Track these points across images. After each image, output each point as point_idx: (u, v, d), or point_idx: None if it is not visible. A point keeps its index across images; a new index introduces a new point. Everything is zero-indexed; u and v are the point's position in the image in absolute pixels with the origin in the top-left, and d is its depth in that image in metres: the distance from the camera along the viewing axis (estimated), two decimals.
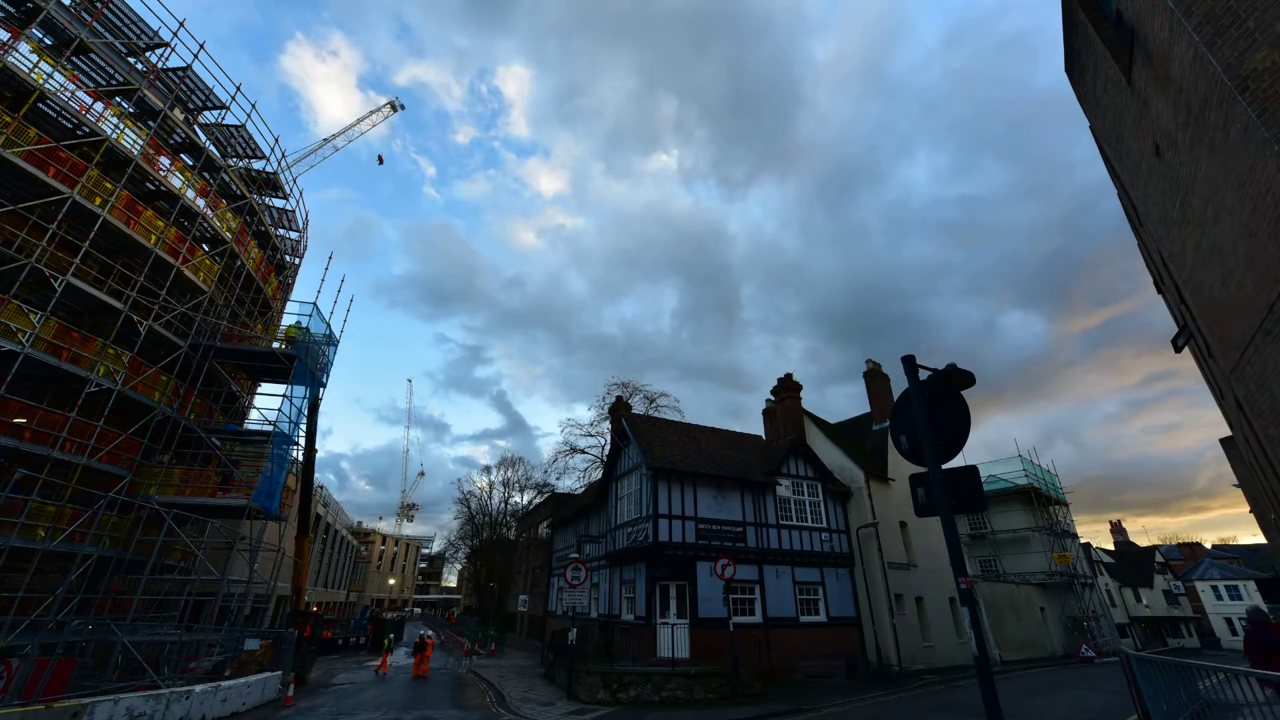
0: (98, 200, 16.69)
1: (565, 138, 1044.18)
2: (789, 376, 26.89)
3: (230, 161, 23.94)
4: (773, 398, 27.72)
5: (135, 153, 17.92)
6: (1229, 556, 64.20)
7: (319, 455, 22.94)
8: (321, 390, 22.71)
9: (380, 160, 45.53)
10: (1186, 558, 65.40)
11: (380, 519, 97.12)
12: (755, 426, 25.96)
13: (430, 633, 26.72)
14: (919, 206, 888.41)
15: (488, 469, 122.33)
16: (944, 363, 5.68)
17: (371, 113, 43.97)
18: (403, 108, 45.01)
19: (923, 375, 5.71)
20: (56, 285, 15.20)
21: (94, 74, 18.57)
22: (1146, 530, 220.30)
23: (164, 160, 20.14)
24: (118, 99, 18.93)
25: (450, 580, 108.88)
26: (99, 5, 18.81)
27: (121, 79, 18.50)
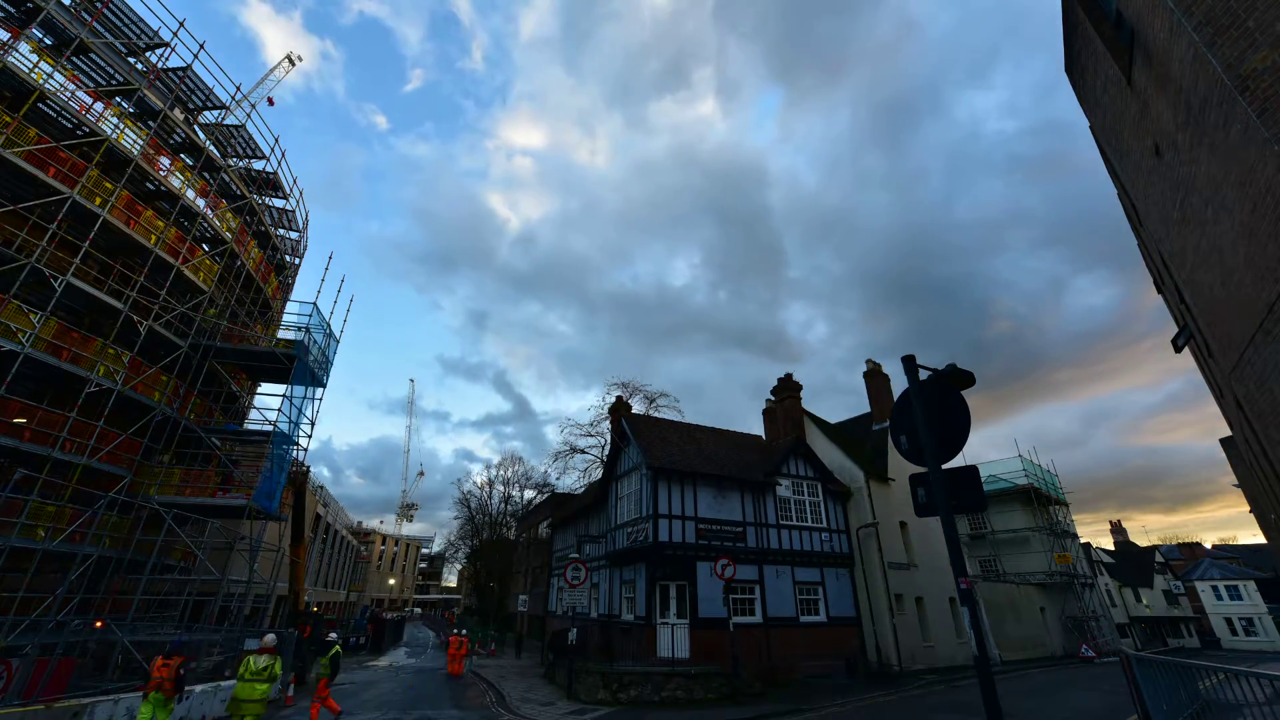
0: (98, 200, 16.68)
1: (563, 78, 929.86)
2: (789, 376, 26.92)
3: (230, 161, 23.94)
4: (773, 398, 27.73)
5: (135, 153, 17.91)
6: (1229, 556, 64.19)
7: (308, 449, 22.97)
8: (321, 390, 22.70)
9: (270, 102, 46.53)
10: (1186, 558, 65.39)
11: (381, 521, 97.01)
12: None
13: (465, 631, 27.07)
14: (990, 141, 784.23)
15: (488, 468, 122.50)
16: (996, 338, 5.68)
17: (273, 69, 46.35)
18: (300, 60, 47.63)
19: (923, 375, 5.71)
20: (56, 285, 15.20)
21: (94, 74, 18.56)
22: (1148, 530, 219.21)
23: (164, 160, 20.14)
24: (118, 99, 18.92)
25: (450, 580, 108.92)
26: (99, 5, 18.80)
27: (121, 79, 18.49)
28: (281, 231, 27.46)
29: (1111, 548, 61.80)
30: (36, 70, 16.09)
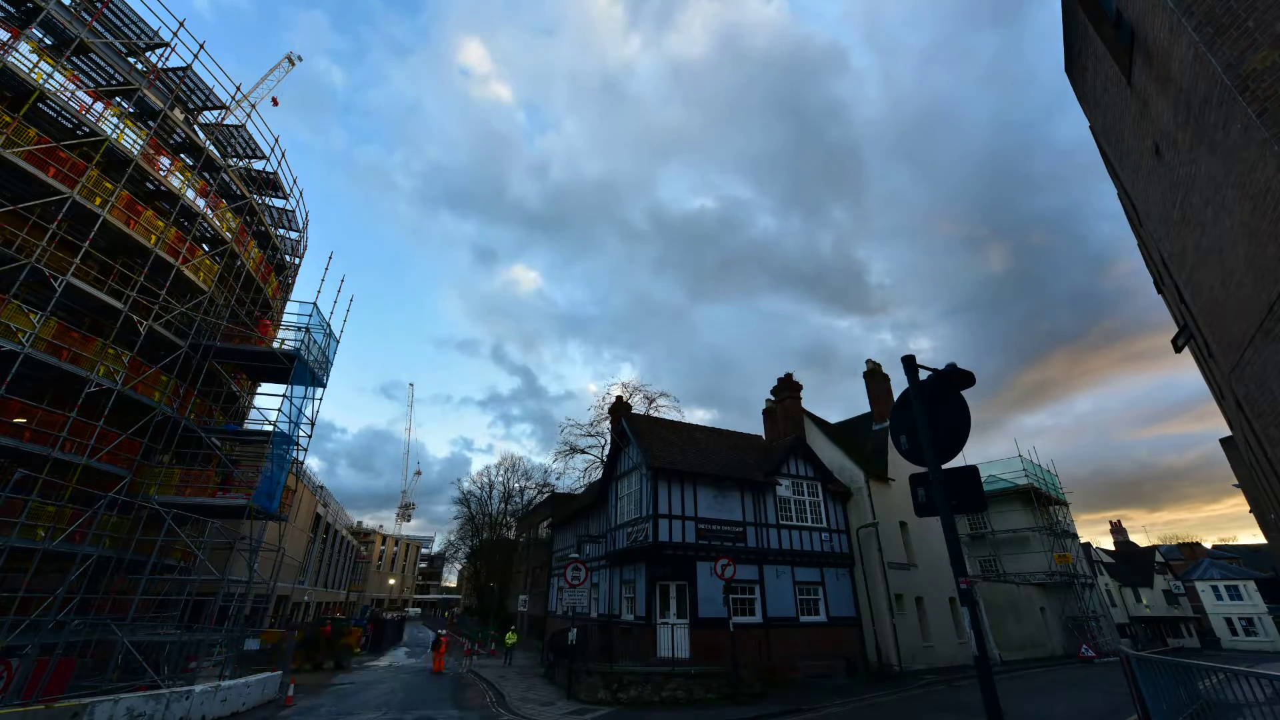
0: (98, 200, 16.67)
1: None
2: (789, 376, 26.92)
3: (230, 161, 23.93)
4: (772, 397, 27.73)
5: (135, 153, 17.90)
6: (1229, 556, 64.15)
7: (308, 448, 23.29)
8: (321, 390, 22.69)
9: (275, 102, 46.38)
10: (1186, 558, 65.39)
11: (381, 525, 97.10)
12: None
13: (443, 631, 27.67)
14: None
15: (488, 468, 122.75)
16: (1114, 289, 5.62)
17: (273, 69, 46.17)
18: (300, 59, 47.39)
19: (923, 375, 5.71)
20: (56, 285, 15.19)
21: (94, 74, 18.55)
22: (1148, 529, 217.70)
23: (164, 160, 20.13)
24: (118, 99, 18.91)
25: (450, 580, 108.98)
26: (99, 5, 18.80)
27: (121, 79, 18.49)
28: (281, 231, 27.46)
29: (1112, 547, 61.82)
30: (36, 70, 16.08)
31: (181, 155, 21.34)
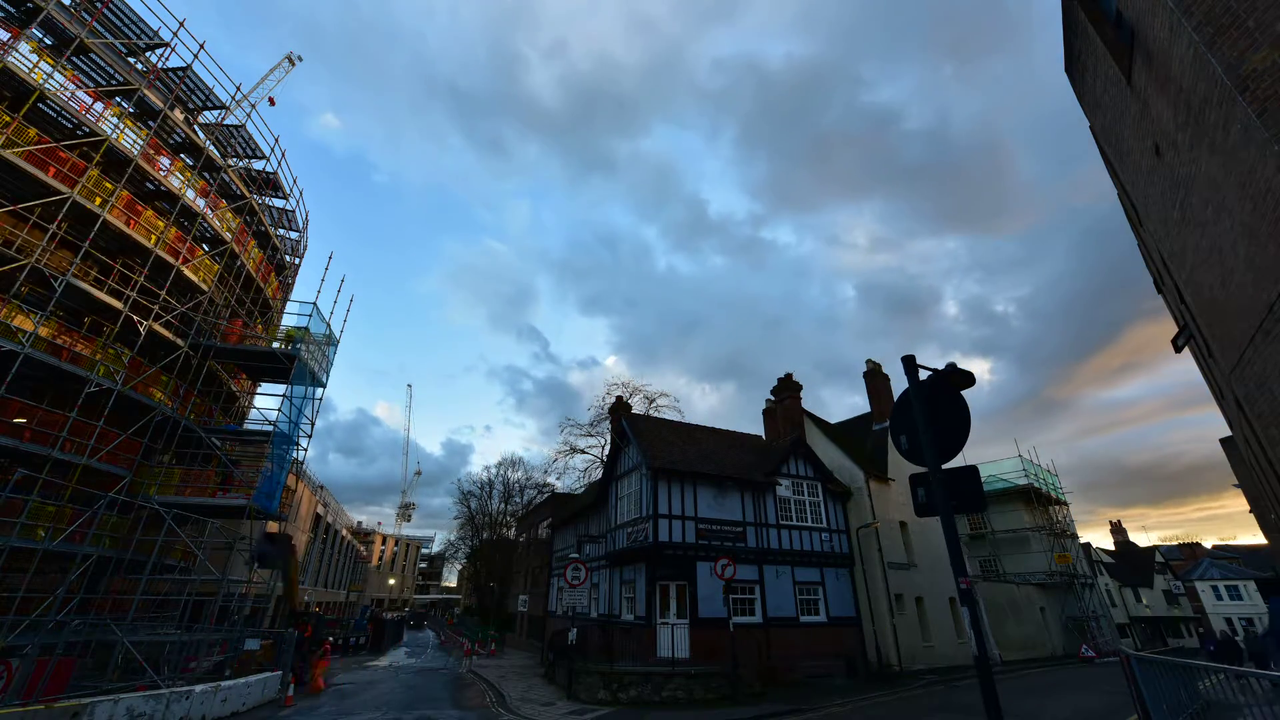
0: (98, 200, 16.68)
1: None
2: (789, 376, 26.94)
3: (230, 161, 23.93)
4: (773, 398, 27.74)
5: (135, 153, 17.91)
6: (1229, 556, 64.09)
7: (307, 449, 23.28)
8: (321, 390, 22.70)
9: (272, 102, 46.35)
10: (1186, 558, 65.33)
11: (380, 523, 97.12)
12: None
13: (329, 635, 25.13)
14: None
15: (487, 469, 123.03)
16: None
17: (273, 69, 46.15)
18: (300, 59, 47.31)
19: (923, 375, 5.71)
20: (56, 285, 15.20)
21: (94, 74, 18.56)
22: (1148, 529, 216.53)
23: (164, 160, 20.13)
24: (118, 99, 18.92)
25: (450, 580, 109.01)
26: (99, 5, 18.80)
27: (121, 79, 18.49)
28: (281, 231, 27.47)
29: (1112, 547, 61.81)
30: (36, 70, 16.08)
31: (181, 155, 21.34)
